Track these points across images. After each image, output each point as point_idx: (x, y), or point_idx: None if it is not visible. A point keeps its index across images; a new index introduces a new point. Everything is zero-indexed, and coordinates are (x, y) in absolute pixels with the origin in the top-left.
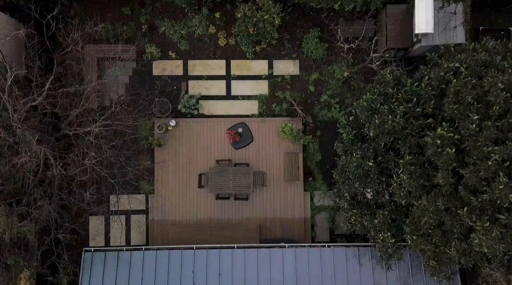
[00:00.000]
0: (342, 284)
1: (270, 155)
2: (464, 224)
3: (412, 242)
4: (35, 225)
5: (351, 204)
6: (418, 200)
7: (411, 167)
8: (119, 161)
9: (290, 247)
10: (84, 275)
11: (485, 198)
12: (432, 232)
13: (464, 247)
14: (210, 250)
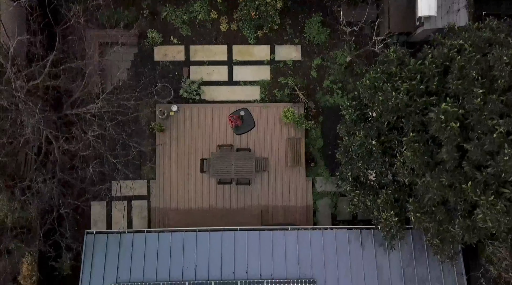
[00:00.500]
0: (344, 266)
1: (272, 141)
2: (468, 200)
3: (415, 220)
4: (38, 201)
5: (353, 185)
6: (421, 178)
7: (415, 144)
8: (121, 137)
9: (293, 230)
10: (86, 257)
11: (490, 171)
12: (435, 209)
13: (468, 223)
14: (212, 232)
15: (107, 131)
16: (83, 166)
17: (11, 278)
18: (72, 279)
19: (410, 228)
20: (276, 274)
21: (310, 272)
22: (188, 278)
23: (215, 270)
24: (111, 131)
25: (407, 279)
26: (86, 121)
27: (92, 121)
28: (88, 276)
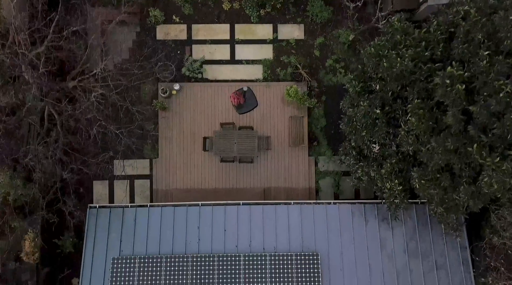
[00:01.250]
0: (347, 240)
1: (275, 120)
2: (473, 164)
3: (420, 187)
4: (41, 168)
5: (357, 159)
6: (426, 145)
7: (420, 110)
8: (125, 101)
9: (296, 204)
10: (89, 232)
11: (496, 132)
12: (440, 176)
13: (473, 189)
14: (215, 206)
15: (110, 97)
16: (87, 129)
17: (14, 257)
18: (74, 257)
19: (414, 202)
20: (279, 248)
21: (313, 246)
22: (191, 252)
23: (218, 244)
24: (114, 97)
25: (410, 253)
26: (89, 92)
27: (96, 86)
28: (91, 249)
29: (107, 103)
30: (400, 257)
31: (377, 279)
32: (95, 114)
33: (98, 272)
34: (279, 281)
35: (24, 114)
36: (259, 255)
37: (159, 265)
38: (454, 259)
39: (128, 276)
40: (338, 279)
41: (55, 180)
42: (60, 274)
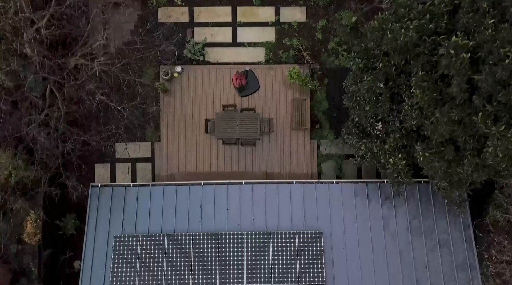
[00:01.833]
0: (350, 218)
1: (277, 103)
2: (477, 135)
3: (424, 159)
4: (43, 145)
5: (360, 137)
6: (430, 118)
7: (424, 83)
8: (128, 73)
9: (298, 183)
10: (91, 210)
11: (501, 100)
12: (444, 149)
13: (477, 161)
14: (218, 186)
15: (112, 71)
16: (89, 99)
17: (16, 239)
18: (76, 240)
19: (417, 181)
20: (282, 226)
21: (316, 225)
22: (194, 230)
23: (221, 222)
24: (116, 70)
25: (413, 231)
26: (91, 69)
27: (99, 59)
28: (93, 228)
29: (109, 76)
30: (403, 235)
31: (380, 258)
32: (97, 84)
33: (100, 250)
34: (282, 259)
35: (25, 89)
36: (261, 233)
37: (162, 243)
38: (457, 237)
39: (130, 254)
40: (341, 257)
41: (57, 156)
42: (62, 256)
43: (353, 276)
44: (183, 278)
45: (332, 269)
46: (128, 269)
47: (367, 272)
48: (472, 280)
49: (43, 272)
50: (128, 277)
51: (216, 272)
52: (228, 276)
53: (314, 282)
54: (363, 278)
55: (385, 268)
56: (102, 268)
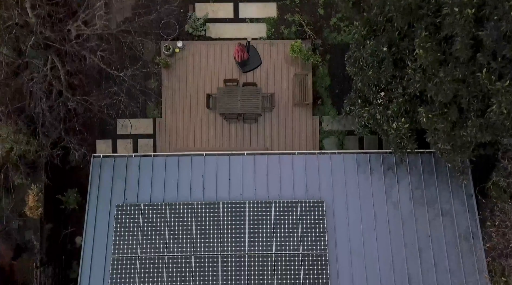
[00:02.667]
0: (353, 188)
1: (279, 79)
2: (481, 95)
3: (427, 121)
4: (45, 117)
5: (362, 106)
6: (434, 80)
7: (427, 43)
8: (129, 34)
9: (300, 154)
10: (93, 180)
11: (505, 54)
12: (448, 110)
13: (481, 121)
14: (220, 156)
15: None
16: (90, 57)
17: (18, 214)
18: (78, 215)
19: (420, 152)
20: (284, 196)
21: (318, 195)
22: (196, 200)
23: (223, 192)
24: (117, 33)
25: (415, 201)
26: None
27: (99, 24)
28: (95, 198)
29: (111, 36)
30: (405, 205)
31: (383, 227)
32: (98, 43)
33: (102, 219)
34: (284, 228)
35: (26, 56)
36: (263, 202)
37: (164, 213)
38: (459, 207)
39: (132, 223)
40: (343, 227)
41: (60, 129)
42: (64, 231)
43: (355, 245)
44: (185, 246)
45: (334, 238)
46: (130, 238)
47: (369, 241)
48: (475, 248)
49: (45, 245)
50: (130, 245)
51: (218, 241)
52: (230, 245)
53: (316, 250)
54: (365, 247)
55: (387, 237)
56: (104, 236)
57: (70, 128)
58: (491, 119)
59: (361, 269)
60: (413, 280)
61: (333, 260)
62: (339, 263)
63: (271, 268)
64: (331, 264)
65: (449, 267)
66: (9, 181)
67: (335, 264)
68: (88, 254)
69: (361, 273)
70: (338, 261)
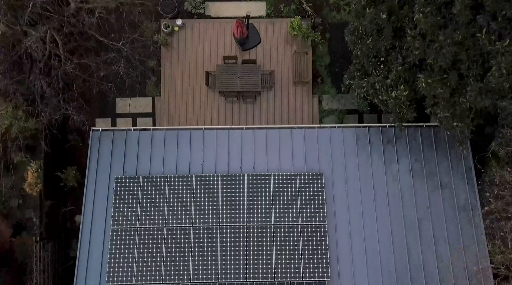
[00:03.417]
0: (352, 161)
1: (278, 57)
2: (481, 59)
3: (426, 86)
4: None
5: (362, 78)
6: (434, 45)
7: (427, 8)
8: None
9: (299, 128)
10: (92, 154)
11: (505, 13)
12: (447, 76)
13: (480, 85)
14: (219, 130)
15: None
16: (89, 17)
17: (17, 193)
18: (77, 194)
19: (419, 125)
20: (283, 169)
21: (317, 168)
22: (195, 172)
23: (222, 165)
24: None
25: (415, 173)
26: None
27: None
28: (94, 171)
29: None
30: (404, 178)
31: (382, 199)
32: (95, 5)
33: (101, 191)
34: (283, 200)
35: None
36: (262, 175)
37: (163, 185)
38: (459, 179)
39: (131, 195)
40: (342, 199)
41: (58, 107)
42: (63, 208)
43: (354, 217)
44: (184, 218)
45: (333, 209)
46: (129, 209)
47: (368, 213)
48: (474, 219)
49: (44, 221)
50: (129, 217)
51: (218, 212)
52: (229, 216)
53: (315, 222)
54: (364, 218)
55: (386, 209)
56: (103, 208)
57: (69, 99)
58: (491, 83)
59: (360, 240)
60: (412, 251)
61: (332, 231)
62: (338, 235)
63: (270, 239)
64: (330, 235)
65: (448, 238)
66: (8, 159)
67: (334, 235)
68: (87, 226)
69: (360, 244)
70: (337, 232)
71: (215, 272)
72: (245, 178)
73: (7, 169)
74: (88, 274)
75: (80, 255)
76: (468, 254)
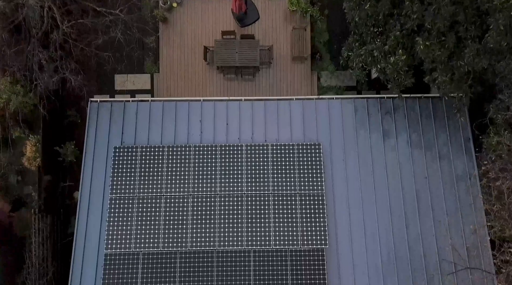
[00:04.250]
0: (350, 132)
1: (277, 34)
2: (479, 21)
3: (425, 48)
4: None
5: (360, 48)
6: (431, 8)
7: None
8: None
9: (298, 100)
10: (91, 125)
11: None
12: (445, 38)
13: (478, 46)
14: (217, 102)
15: None
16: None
17: (16, 170)
18: (76, 170)
19: (418, 97)
20: (281, 140)
21: (315, 138)
22: (194, 143)
23: (221, 136)
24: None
25: (413, 144)
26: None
27: None
28: (92, 141)
29: None
30: (403, 148)
31: (380, 169)
32: None
33: (99, 161)
34: (281, 170)
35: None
36: (261, 145)
37: (161, 155)
38: (457, 149)
39: (130, 164)
40: (340, 168)
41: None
42: (62, 183)
43: (353, 186)
44: (183, 187)
45: (331, 179)
46: (128, 179)
47: (366, 182)
48: (472, 188)
49: (43, 195)
50: (128, 186)
51: (216, 181)
52: (228, 185)
53: (313, 190)
54: (362, 187)
55: (384, 179)
56: (102, 178)
57: (67, 66)
58: (488, 43)
59: (358, 209)
60: (410, 220)
61: (330, 200)
62: (336, 203)
63: (268, 207)
64: (328, 204)
65: (446, 207)
66: (7, 134)
67: (332, 204)
68: (85, 195)
69: (358, 212)
70: (335, 201)
71: (213, 239)
72: (243, 148)
73: (6, 145)
74: (86, 242)
75: (78, 224)
76: (466, 223)
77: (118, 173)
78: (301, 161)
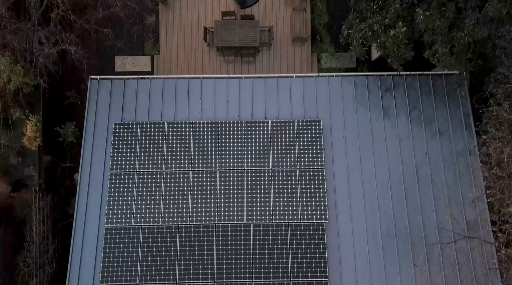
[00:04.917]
0: (350, 109)
1: (277, 14)
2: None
3: (424, 18)
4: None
5: (360, 24)
6: None
7: None
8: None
9: (298, 77)
10: (91, 102)
11: None
12: (445, 8)
13: (478, 16)
14: (217, 79)
15: None
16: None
17: (17, 151)
18: (76, 152)
19: (418, 74)
20: (281, 117)
21: (315, 115)
22: (194, 120)
23: (221, 113)
24: None
25: (413, 120)
26: None
27: None
28: (93, 117)
29: None
30: (403, 124)
31: (380, 145)
32: None
33: (100, 137)
34: (281, 146)
35: None
36: (261, 122)
37: (161, 131)
38: (457, 125)
39: (130, 140)
40: (340, 145)
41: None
42: (62, 164)
43: (352, 162)
44: (183, 163)
45: (331, 155)
46: (128, 154)
47: (366, 158)
48: (472, 164)
49: (43, 176)
50: (128, 162)
51: (216, 158)
52: (228, 161)
53: (313, 166)
54: (362, 163)
55: (384, 154)
56: (102, 154)
57: (67, 39)
58: (488, 12)
59: (358, 184)
60: (409, 195)
61: (330, 176)
62: (336, 178)
63: (268, 182)
64: (328, 179)
65: (446, 182)
66: (8, 115)
67: (332, 179)
68: (86, 170)
69: (358, 187)
70: (335, 176)
71: (213, 214)
72: (243, 125)
73: (6, 126)
74: (87, 217)
75: (79, 199)
76: (466, 197)
77: (118, 149)
78: (301, 137)
